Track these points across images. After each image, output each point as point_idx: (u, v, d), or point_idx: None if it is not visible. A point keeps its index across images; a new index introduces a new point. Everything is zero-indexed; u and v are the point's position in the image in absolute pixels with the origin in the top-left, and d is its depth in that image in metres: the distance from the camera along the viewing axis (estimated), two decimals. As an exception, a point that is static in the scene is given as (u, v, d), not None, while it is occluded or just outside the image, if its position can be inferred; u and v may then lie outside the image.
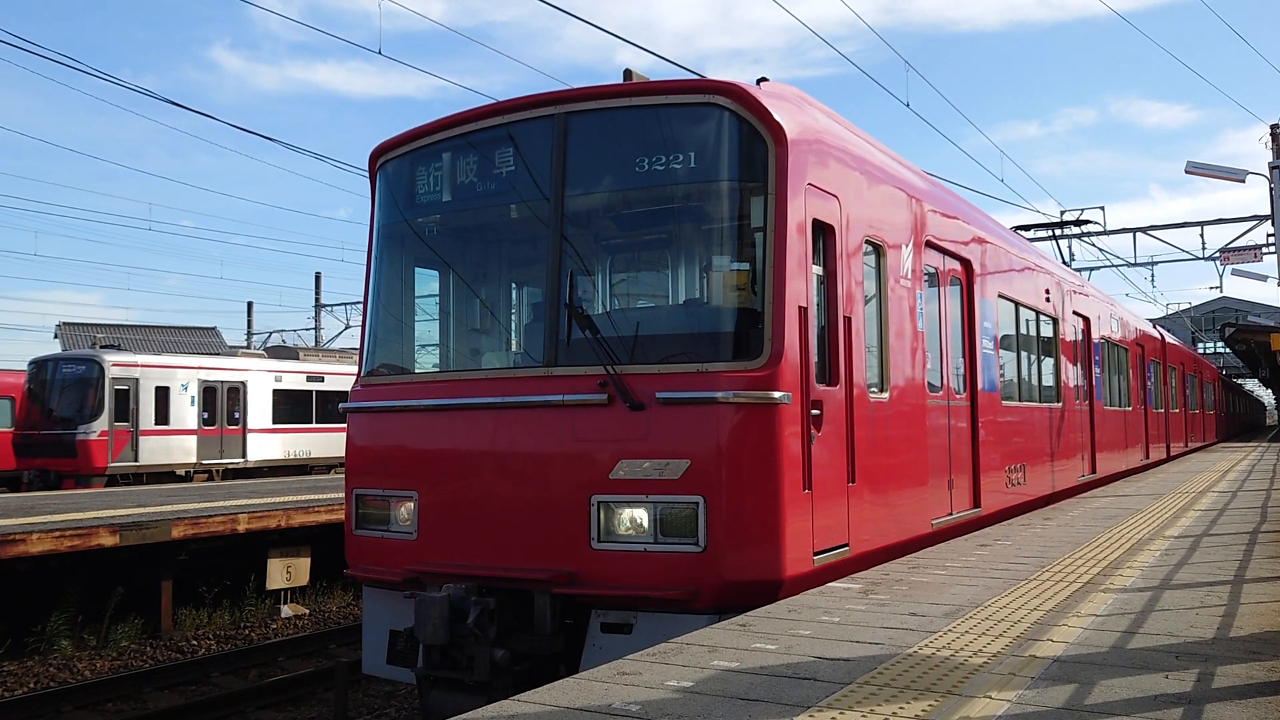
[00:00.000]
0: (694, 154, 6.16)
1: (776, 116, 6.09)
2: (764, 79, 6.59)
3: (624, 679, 3.93)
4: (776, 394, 5.74)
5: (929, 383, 8.17)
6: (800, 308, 6.04)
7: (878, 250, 7.40)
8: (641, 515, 5.76)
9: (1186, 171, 19.82)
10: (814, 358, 6.20)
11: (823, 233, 6.53)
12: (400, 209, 7.30)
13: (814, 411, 6.14)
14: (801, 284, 6.09)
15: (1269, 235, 28.35)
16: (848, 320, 6.68)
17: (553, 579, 5.85)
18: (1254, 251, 30.15)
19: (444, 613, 5.75)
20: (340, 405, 7.40)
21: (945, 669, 4.02)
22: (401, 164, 7.24)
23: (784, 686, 3.77)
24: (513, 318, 7.41)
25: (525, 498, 6.09)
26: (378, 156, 7.41)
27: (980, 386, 9.33)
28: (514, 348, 7.25)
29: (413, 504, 6.57)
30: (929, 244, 8.41)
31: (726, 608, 5.53)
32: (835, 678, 3.89)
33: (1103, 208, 29.96)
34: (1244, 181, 19.51)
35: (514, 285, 7.45)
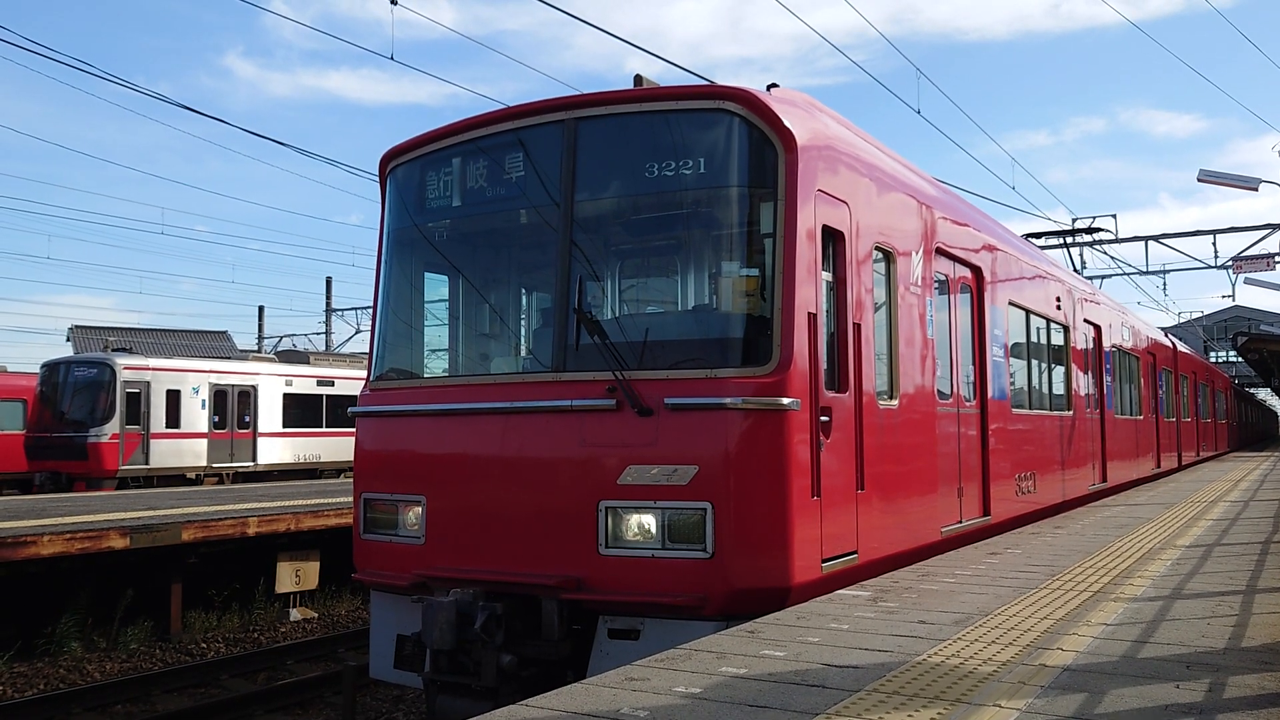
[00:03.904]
0: (704, 160, 6.16)
1: (786, 122, 6.09)
2: (774, 85, 6.59)
3: (632, 685, 3.92)
4: (785, 400, 5.73)
5: (939, 390, 8.15)
6: (809, 314, 6.03)
7: (888, 257, 7.38)
8: (649, 521, 5.74)
9: (1199, 180, 19.74)
10: (823, 364, 6.19)
11: (832, 239, 6.52)
12: (410, 214, 7.31)
13: (823, 418, 6.13)
14: (811, 290, 6.08)
15: (1282, 243, 28.24)
16: (857, 327, 6.67)
17: (560, 585, 5.85)
18: (1267, 260, 30.05)
19: (451, 618, 5.75)
20: (349, 410, 7.42)
21: (954, 677, 4.00)
22: (412, 169, 7.25)
23: (793, 693, 3.76)
24: (522, 323, 7.41)
25: (533, 503, 6.08)
26: (388, 161, 7.43)
27: (990, 394, 9.30)
28: (523, 353, 7.25)
29: (421, 508, 6.57)
30: (939, 251, 8.38)
31: (734, 614, 5.51)
32: (844, 685, 3.88)
33: (1114, 216, 29.81)
34: (1256, 190, 19.43)
35: (523, 290, 7.45)
